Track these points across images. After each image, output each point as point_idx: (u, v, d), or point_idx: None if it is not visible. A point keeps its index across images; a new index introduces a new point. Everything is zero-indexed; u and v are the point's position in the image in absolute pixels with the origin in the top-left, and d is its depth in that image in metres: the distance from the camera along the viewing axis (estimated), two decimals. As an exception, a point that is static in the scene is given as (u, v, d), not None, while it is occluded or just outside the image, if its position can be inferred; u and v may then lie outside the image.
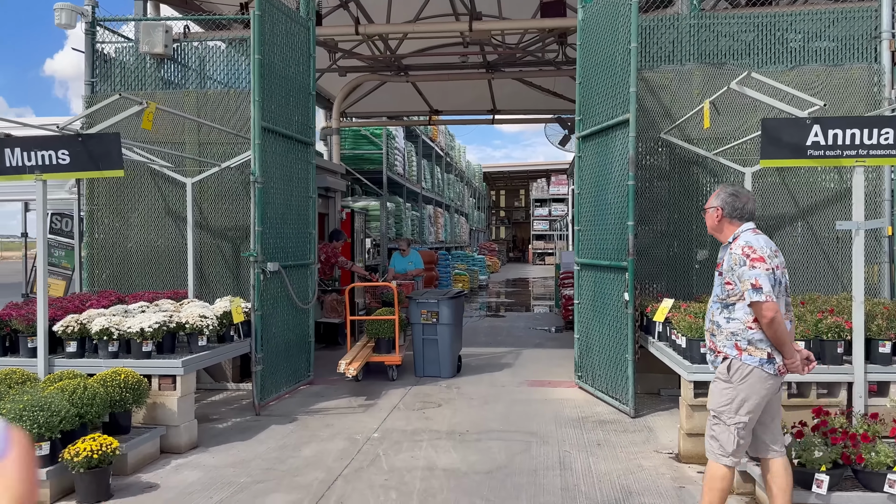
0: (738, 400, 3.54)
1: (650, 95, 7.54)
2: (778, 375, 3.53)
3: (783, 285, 3.56)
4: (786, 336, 3.47)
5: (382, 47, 11.69)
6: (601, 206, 7.08)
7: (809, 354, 3.58)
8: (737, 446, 3.57)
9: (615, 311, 6.68)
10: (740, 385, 3.53)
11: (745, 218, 3.67)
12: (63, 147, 5.34)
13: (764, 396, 3.54)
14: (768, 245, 3.55)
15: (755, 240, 3.54)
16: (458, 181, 29.62)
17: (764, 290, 3.40)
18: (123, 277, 8.10)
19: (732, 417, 3.56)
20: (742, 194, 3.71)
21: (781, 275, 3.54)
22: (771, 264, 3.47)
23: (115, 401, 4.91)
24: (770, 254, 3.51)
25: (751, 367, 3.51)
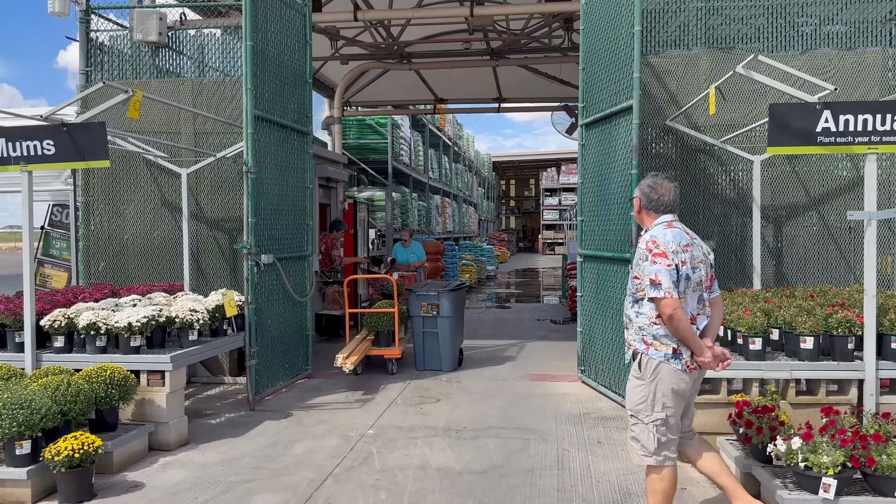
0: (652, 396, 3.48)
1: (655, 81, 7.30)
2: (687, 371, 3.46)
3: (693, 280, 3.45)
4: (689, 332, 3.38)
5: (385, 34, 11.49)
6: (604, 195, 6.88)
7: (724, 352, 3.50)
8: (658, 444, 3.49)
9: (619, 304, 6.48)
10: (652, 382, 3.48)
11: (661, 210, 3.59)
12: (48, 137, 5.20)
13: (680, 391, 3.48)
14: (677, 240, 3.44)
15: (662, 234, 3.46)
16: (467, 171, 29.41)
17: (663, 286, 3.34)
18: (120, 269, 7.98)
19: (649, 415, 3.50)
20: (660, 186, 3.61)
21: (690, 270, 3.43)
22: (675, 259, 3.38)
23: (100, 397, 4.78)
24: (676, 249, 3.41)
25: (657, 361, 3.46)
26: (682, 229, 3.54)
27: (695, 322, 3.46)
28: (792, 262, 7.20)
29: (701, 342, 3.43)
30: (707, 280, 3.55)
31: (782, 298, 5.92)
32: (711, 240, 7.24)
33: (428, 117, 19.86)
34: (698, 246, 3.54)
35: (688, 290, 3.42)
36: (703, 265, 3.50)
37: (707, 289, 3.55)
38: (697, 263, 3.47)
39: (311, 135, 7.85)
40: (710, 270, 3.58)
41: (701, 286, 3.49)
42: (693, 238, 3.56)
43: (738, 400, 4.64)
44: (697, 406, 4.94)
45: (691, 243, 3.50)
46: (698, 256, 3.49)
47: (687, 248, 3.45)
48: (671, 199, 3.60)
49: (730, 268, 7.23)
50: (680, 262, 3.40)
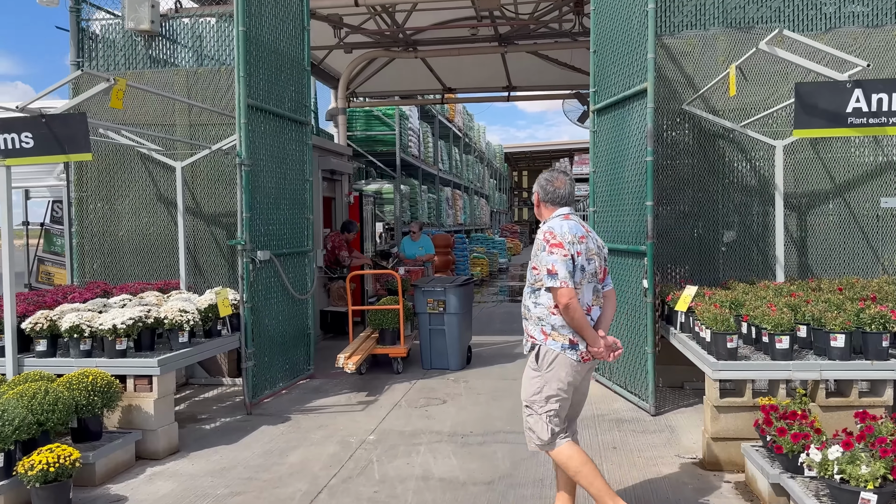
0: (547, 387, 3.50)
1: (671, 64, 6.92)
2: (581, 362, 3.50)
3: (588, 272, 3.49)
4: (584, 322, 3.42)
5: (389, 21, 11.13)
6: (618, 185, 6.52)
7: (615, 342, 3.54)
8: (551, 434, 3.53)
9: (634, 300, 6.14)
10: (547, 372, 3.50)
11: (558, 203, 3.63)
12: (27, 129, 4.91)
13: (573, 382, 3.53)
14: (573, 231, 3.48)
15: (559, 225, 3.50)
16: (478, 162, 29.02)
17: (559, 276, 3.37)
18: (115, 267, 7.72)
19: (543, 406, 3.52)
20: (556, 179, 3.67)
21: (586, 261, 3.48)
22: (571, 250, 3.43)
23: (81, 405, 4.51)
24: (572, 240, 3.45)
25: (555, 352, 3.48)
26: (577, 221, 3.58)
27: (589, 313, 3.51)
28: (816, 252, 6.82)
29: (594, 333, 3.46)
30: (601, 272, 3.61)
31: (808, 292, 5.55)
32: (732, 230, 6.87)
33: (437, 108, 19.49)
34: (593, 239, 3.61)
35: (583, 280, 3.47)
36: (596, 257, 3.56)
37: (600, 281, 3.60)
38: (592, 255, 3.52)
39: (311, 125, 7.52)
40: (603, 263, 3.64)
41: (595, 278, 3.54)
42: (588, 231, 3.61)
43: (764, 404, 4.29)
44: (720, 410, 4.60)
45: (586, 235, 3.55)
46: (592, 248, 3.54)
47: (582, 240, 3.49)
48: (567, 192, 3.64)
49: (751, 259, 6.85)
50: (575, 253, 3.44)
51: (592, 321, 3.51)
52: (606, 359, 3.51)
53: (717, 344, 4.65)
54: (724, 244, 6.91)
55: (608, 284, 3.67)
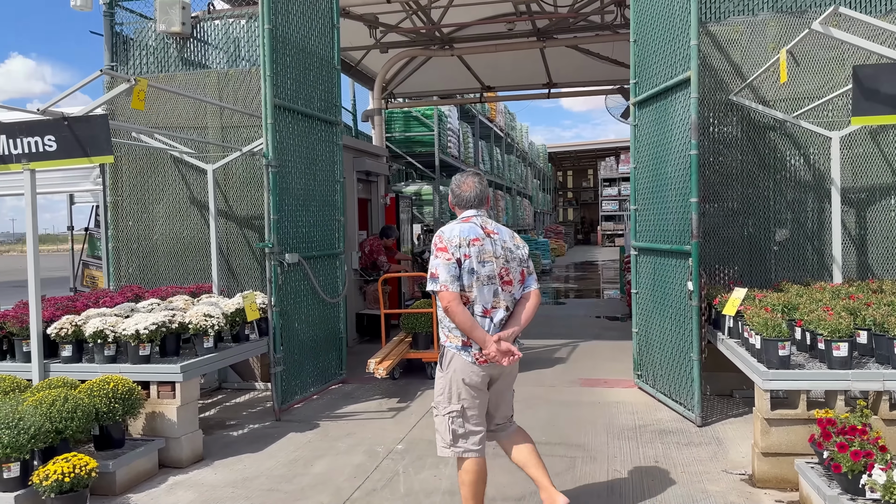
0: (448, 388, 3.50)
1: (717, 52, 6.55)
2: (477, 364, 3.44)
3: (483, 274, 3.43)
4: (468, 324, 3.37)
5: (425, 19, 10.94)
6: (660, 181, 6.18)
7: (511, 348, 3.41)
8: (453, 436, 3.49)
9: (678, 303, 5.80)
10: (448, 373, 3.50)
11: (464, 206, 3.63)
12: (50, 132, 4.86)
13: (472, 383, 3.46)
14: (463, 234, 3.45)
15: (450, 229, 3.51)
16: (521, 162, 28.65)
17: (439, 279, 3.38)
18: (150, 271, 7.70)
19: (446, 407, 3.51)
20: (463, 183, 3.66)
21: (479, 264, 3.43)
22: (456, 254, 3.41)
23: (101, 413, 4.41)
24: (459, 243, 3.43)
25: (452, 353, 3.48)
26: (478, 224, 3.53)
27: (488, 315, 3.45)
28: (877, 251, 6.36)
29: (483, 335, 3.39)
30: (508, 275, 3.52)
31: (869, 294, 5.14)
32: (785, 228, 6.46)
33: (478, 108, 19.23)
34: (497, 241, 3.52)
35: (475, 283, 3.42)
36: (497, 260, 3.48)
37: (507, 283, 3.51)
38: (488, 258, 3.46)
39: (341, 125, 7.36)
40: (517, 265, 3.56)
41: (494, 280, 3.47)
42: (492, 233, 3.54)
43: (820, 417, 3.93)
44: (771, 423, 4.25)
45: (483, 238, 3.48)
46: (489, 251, 3.47)
47: (475, 243, 3.45)
48: (473, 195, 3.61)
49: (805, 259, 6.43)
50: (463, 256, 3.41)
51: (493, 323, 3.45)
52: (500, 363, 3.41)
53: (767, 351, 4.30)
54: (777, 243, 6.50)
55: (529, 286, 3.60)
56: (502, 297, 3.48)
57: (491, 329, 3.43)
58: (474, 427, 3.50)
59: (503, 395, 3.67)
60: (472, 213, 3.60)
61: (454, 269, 3.39)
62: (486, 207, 3.65)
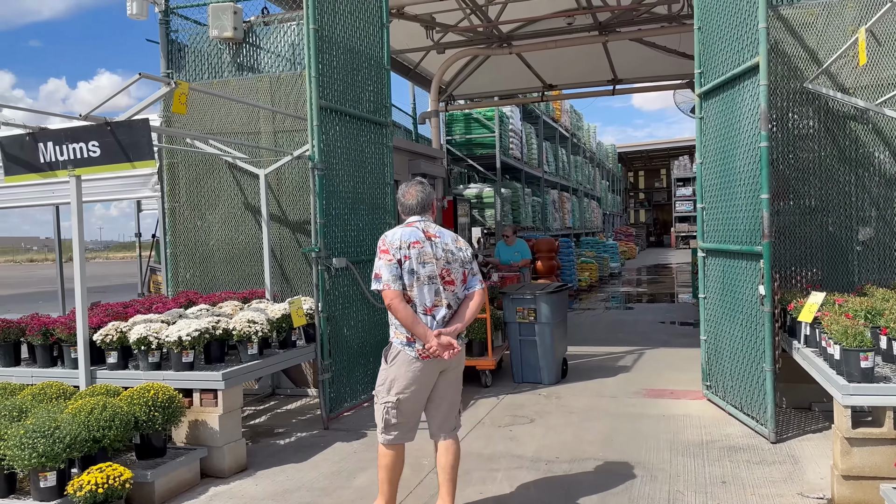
0: (389, 380, 3.69)
1: (789, 37, 6.04)
2: (420, 359, 3.62)
3: (423, 274, 3.62)
4: (410, 320, 3.57)
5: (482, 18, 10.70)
6: (728, 176, 5.75)
7: (451, 341, 3.58)
8: (385, 424, 3.72)
9: (749, 308, 5.35)
10: (391, 367, 3.70)
11: (407, 212, 3.83)
12: (93, 138, 4.84)
13: (414, 378, 3.65)
14: (404, 237, 3.66)
15: (392, 233, 3.73)
16: (588, 163, 27.99)
17: (382, 279, 3.62)
18: (207, 276, 7.73)
19: (384, 397, 3.71)
20: (407, 192, 3.84)
21: (419, 264, 3.63)
22: (397, 255, 3.62)
23: (141, 421, 4.34)
24: (400, 245, 3.64)
25: (397, 348, 3.69)
26: (419, 228, 3.73)
27: (430, 313, 3.64)
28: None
29: (424, 330, 3.57)
30: (450, 275, 3.69)
31: (969, 299, 4.59)
32: (869, 226, 5.90)
33: (542, 109, 18.83)
34: (437, 244, 3.70)
35: (416, 283, 3.62)
36: (437, 261, 3.66)
37: (449, 283, 3.68)
38: (428, 259, 3.65)
39: (391, 126, 7.19)
40: (460, 266, 3.74)
41: (434, 280, 3.65)
42: (432, 237, 3.71)
43: (912, 438, 3.48)
44: (853, 443, 3.80)
45: (423, 241, 3.67)
46: (429, 252, 3.65)
47: (415, 245, 3.65)
48: (415, 202, 3.80)
49: (892, 260, 5.86)
50: (403, 257, 3.63)
51: (435, 321, 3.63)
52: (441, 356, 3.56)
53: (847, 362, 3.86)
54: (860, 243, 5.94)
55: (472, 286, 3.78)
56: (444, 296, 3.68)
57: (433, 326, 3.62)
58: (405, 420, 3.72)
59: (445, 397, 3.80)
60: (415, 218, 3.80)
61: (395, 269, 3.61)
62: (430, 213, 3.85)
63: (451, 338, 3.58)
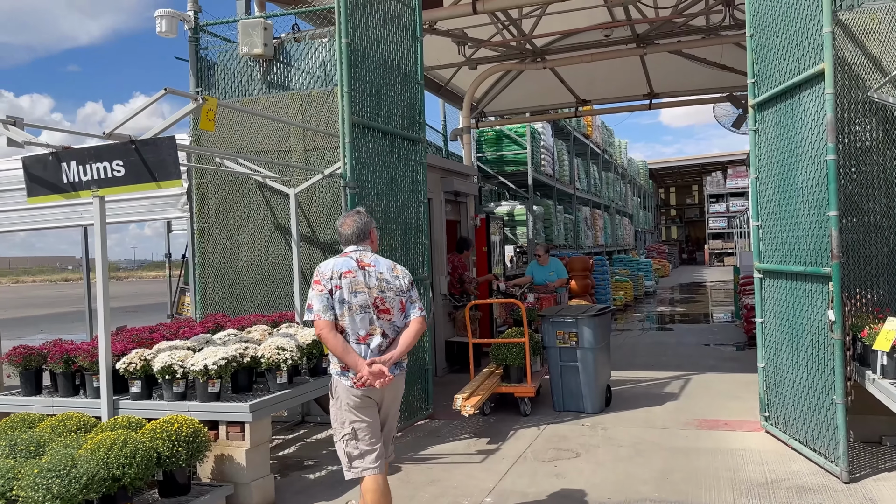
0: (339, 414, 3.69)
1: (850, 44, 5.64)
2: (355, 387, 3.60)
3: (356, 304, 3.63)
4: (340, 350, 3.59)
5: (515, 32, 10.44)
6: (789, 192, 5.36)
7: (382, 369, 3.55)
8: (349, 458, 3.67)
9: (815, 335, 4.94)
10: (335, 399, 3.71)
11: (344, 243, 3.87)
12: (118, 157, 4.63)
13: (355, 406, 3.65)
14: (336, 268, 3.69)
15: (326, 263, 3.76)
16: (619, 180, 27.54)
17: (313, 309, 3.64)
18: (236, 298, 7.50)
19: (340, 431, 3.69)
20: (344, 223, 3.88)
21: (351, 294, 3.64)
22: (328, 286, 3.65)
23: (164, 457, 4.07)
24: (331, 275, 3.67)
25: (335, 379, 3.71)
26: (354, 258, 3.74)
27: (364, 342, 3.65)
28: None
29: (355, 359, 3.57)
30: (384, 304, 3.68)
31: None
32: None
33: (573, 125, 18.51)
34: (371, 273, 3.70)
35: (348, 312, 3.64)
36: (371, 290, 3.67)
37: (384, 312, 3.67)
38: (360, 289, 3.65)
39: (424, 142, 6.93)
40: (396, 295, 3.72)
41: (367, 309, 3.66)
42: (367, 266, 3.72)
43: None
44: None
45: (356, 270, 3.68)
46: (362, 282, 3.66)
47: (346, 275, 3.66)
48: (351, 233, 3.83)
49: (968, 281, 5.40)
50: (334, 287, 3.64)
51: (370, 349, 3.63)
52: (372, 384, 3.54)
53: (944, 400, 3.45)
54: (932, 263, 5.50)
55: (409, 315, 3.74)
56: (378, 325, 3.66)
57: (367, 355, 3.61)
58: (367, 447, 3.65)
59: (384, 420, 3.77)
60: (351, 248, 3.81)
61: (326, 299, 3.62)
62: (367, 242, 3.85)
63: (383, 366, 3.55)
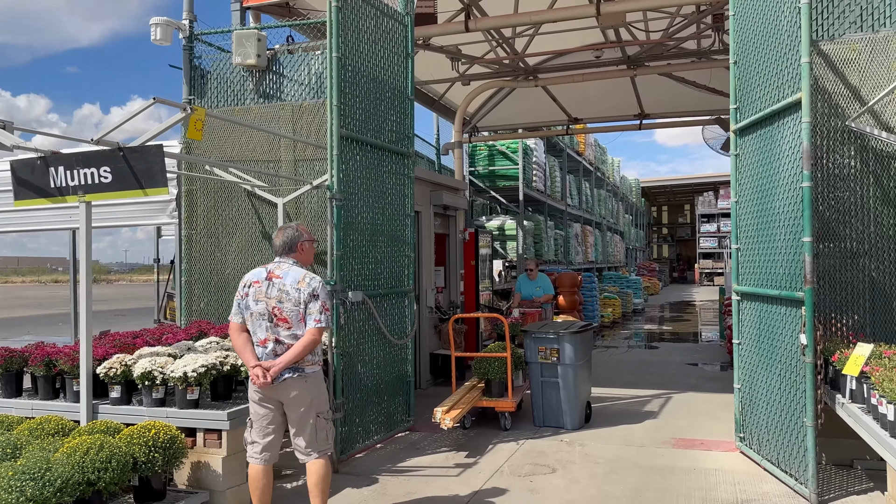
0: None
1: (830, 73, 5.77)
2: (254, 384, 4.03)
3: (255, 311, 4.08)
4: (240, 349, 4.12)
5: (508, 50, 10.57)
6: (767, 217, 5.46)
7: (258, 373, 3.94)
8: (245, 442, 4.22)
9: (788, 358, 5.03)
10: None
11: (275, 254, 4.26)
12: (105, 163, 4.69)
13: (252, 399, 4.15)
14: (249, 277, 4.21)
15: (248, 273, 4.26)
16: (611, 197, 27.71)
17: (231, 312, 4.19)
18: (221, 306, 7.52)
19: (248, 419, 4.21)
20: (275, 236, 4.26)
21: (253, 302, 4.10)
22: (241, 292, 4.16)
23: (140, 462, 4.11)
24: (245, 283, 4.19)
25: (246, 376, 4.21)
26: (267, 269, 4.18)
27: (262, 345, 4.09)
28: None
29: (248, 358, 4.07)
30: (282, 313, 4.04)
31: None
32: (916, 272, 5.55)
33: (566, 141, 18.65)
34: (275, 284, 4.09)
35: (250, 318, 4.12)
36: (270, 300, 4.06)
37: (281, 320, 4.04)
38: (261, 298, 4.08)
39: (412, 156, 7.01)
40: (294, 306, 4.04)
41: (264, 317, 4.07)
42: (274, 277, 4.11)
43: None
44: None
45: (263, 281, 4.12)
46: (264, 292, 4.08)
47: (254, 284, 4.13)
48: (279, 244, 4.24)
49: (943, 310, 5.50)
50: (244, 294, 4.15)
51: (266, 352, 4.06)
52: (255, 382, 3.96)
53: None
54: (906, 289, 5.60)
55: (309, 324, 4.03)
56: (274, 332, 4.05)
57: (264, 357, 4.06)
58: (256, 438, 4.16)
59: (293, 422, 4.13)
60: (276, 259, 4.22)
61: (237, 304, 4.15)
62: (294, 255, 4.20)
63: (262, 369, 3.94)
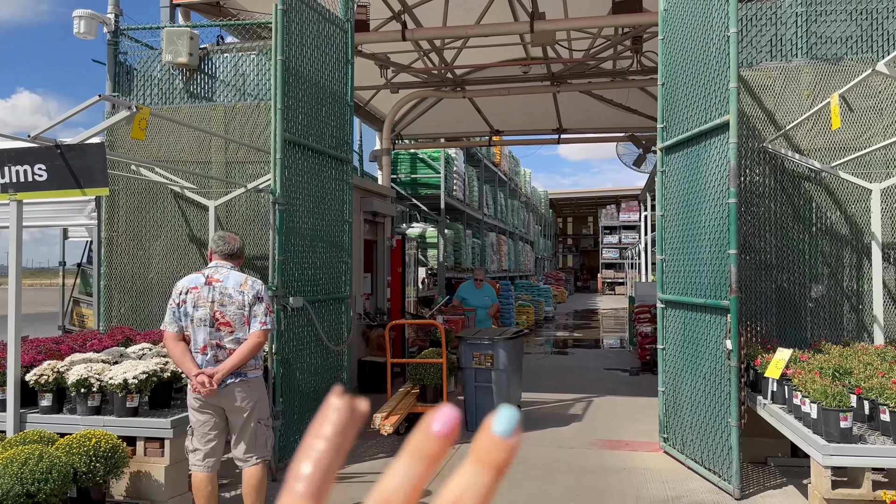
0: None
1: (749, 98, 6.27)
2: (194, 391, 3.94)
3: (196, 317, 3.98)
4: (178, 358, 3.98)
5: (438, 60, 10.73)
6: (692, 230, 5.82)
7: (204, 380, 3.85)
8: (186, 451, 4.14)
9: (712, 362, 5.37)
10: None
11: (217, 254, 4.16)
12: (40, 161, 4.47)
13: (193, 407, 4.05)
14: (185, 283, 4.07)
15: (182, 279, 4.13)
16: (523, 208, 28.42)
17: (164, 321, 4.05)
18: (143, 311, 7.25)
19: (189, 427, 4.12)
20: (228, 238, 4.23)
21: (192, 307, 3.98)
22: (177, 299, 4.03)
23: (80, 473, 3.93)
24: (181, 290, 4.05)
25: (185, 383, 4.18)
26: (205, 274, 4.06)
27: (203, 352, 3.99)
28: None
29: (189, 367, 3.92)
30: (224, 318, 3.97)
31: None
32: (821, 284, 6.08)
33: (483, 152, 19.03)
34: (216, 288, 3.99)
35: (191, 324, 3.99)
36: (212, 304, 3.97)
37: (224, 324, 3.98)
38: (202, 303, 3.98)
39: (351, 162, 7.03)
40: (237, 310, 3.99)
41: (206, 322, 3.97)
42: (213, 282, 4.01)
43: (894, 500, 3.49)
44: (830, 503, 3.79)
45: (202, 286, 4.00)
46: (205, 297, 3.98)
47: (192, 290, 4.01)
48: (226, 249, 4.15)
49: (842, 317, 6.04)
50: (181, 301, 4.00)
51: (206, 359, 3.96)
52: (201, 391, 3.86)
53: (827, 422, 3.87)
54: (812, 300, 6.11)
55: (254, 327, 3.99)
56: (215, 336, 3.97)
57: (204, 364, 3.94)
58: (198, 445, 4.05)
59: (235, 428, 4.07)
60: (213, 264, 4.13)
61: (173, 312, 3.98)
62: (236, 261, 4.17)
63: (206, 377, 3.85)
